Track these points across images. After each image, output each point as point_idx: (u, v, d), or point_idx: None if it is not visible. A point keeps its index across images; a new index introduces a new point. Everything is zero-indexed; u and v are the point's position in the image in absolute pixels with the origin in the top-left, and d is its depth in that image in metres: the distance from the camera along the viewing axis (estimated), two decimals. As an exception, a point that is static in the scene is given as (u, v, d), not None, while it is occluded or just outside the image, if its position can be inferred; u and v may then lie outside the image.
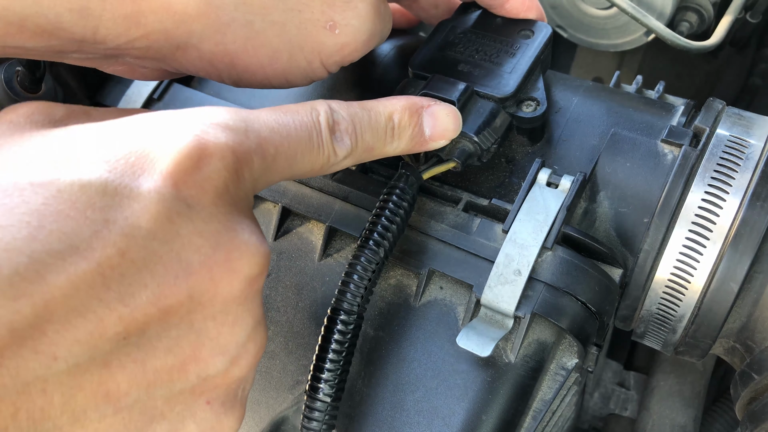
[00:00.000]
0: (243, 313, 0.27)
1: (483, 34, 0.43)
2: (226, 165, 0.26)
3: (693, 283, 0.37)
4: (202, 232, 0.25)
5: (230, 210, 0.27)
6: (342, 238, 0.42)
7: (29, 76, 0.47)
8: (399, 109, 0.35)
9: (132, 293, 0.23)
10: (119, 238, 0.23)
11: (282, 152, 0.29)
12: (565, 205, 0.37)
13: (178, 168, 0.25)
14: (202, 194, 0.25)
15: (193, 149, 0.25)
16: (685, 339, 0.39)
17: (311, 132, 0.31)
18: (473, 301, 0.37)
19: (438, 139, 0.37)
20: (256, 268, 0.27)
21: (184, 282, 0.25)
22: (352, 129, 0.33)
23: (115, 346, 0.24)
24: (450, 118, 0.37)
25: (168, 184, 0.24)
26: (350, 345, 0.35)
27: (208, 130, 0.26)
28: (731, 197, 0.37)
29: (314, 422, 0.34)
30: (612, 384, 0.59)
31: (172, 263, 0.24)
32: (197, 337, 0.26)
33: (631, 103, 0.44)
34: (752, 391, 0.38)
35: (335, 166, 0.32)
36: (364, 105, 0.34)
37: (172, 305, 0.24)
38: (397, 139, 0.35)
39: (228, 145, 0.26)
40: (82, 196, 0.23)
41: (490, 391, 0.36)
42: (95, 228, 0.23)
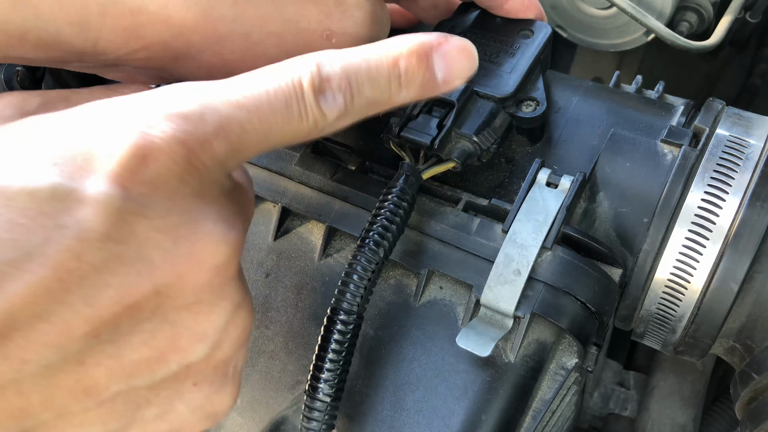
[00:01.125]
0: (217, 299, 0.27)
1: (482, 34, 0.43)
2: (175, 159, 0.25)
3: (693, 283, 0.37)
4: (159, 228, 0.25)
5: (190, 201, 0.26)
6: (342, 238, 0.42)
7: (29, 76, 0.47)
8: (405, 54, 0.30)
9: (94, 294, 0.24)
10: (73, 243, 0.23)
11: (251, 129, 0.27)
12: (565, 205, 0.37)
13: (124, 168, 0.24)
14: (153, 191, 0.25)
15: (138, 147, 0.25)
16: (685, 339, 0.39)
17: (290, 98, 0.28)
18: (473, 301, 0.37)
19: (453, 81, 0.32)
20: (223, 256, 0.27)
21: (147, 278, 0.25)
22: (347, 84, 0.29)
23: (87, 344, 0.24)
24: (464, 55, 0.32)
25: (116, 186, 0.24)
26: (350, 345, 0.35)
27: (153, 124, 0.25)
28: (731, 197, 0.37)
29: (314, 422, 0.34)
30: (612, 384, 0.59)
31: (133, 262, 0.24)
32: (172, 328, 0.26)
33: (631, 103, 0.44)
34: (752, 390, 0.38)
35: (328, 128, 0.30)
36: (362, 51, 0.30)
37: (139, 301, 0.25)
38: (406, 88, 0.31)
39: (176, 137, 0.25)
40: (32, 203, 0.23)
41: (490, 391, 0.36)
42: (47, 234, 0.23)
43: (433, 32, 0.32)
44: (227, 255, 0.27)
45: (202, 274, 0.26)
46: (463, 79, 0.33)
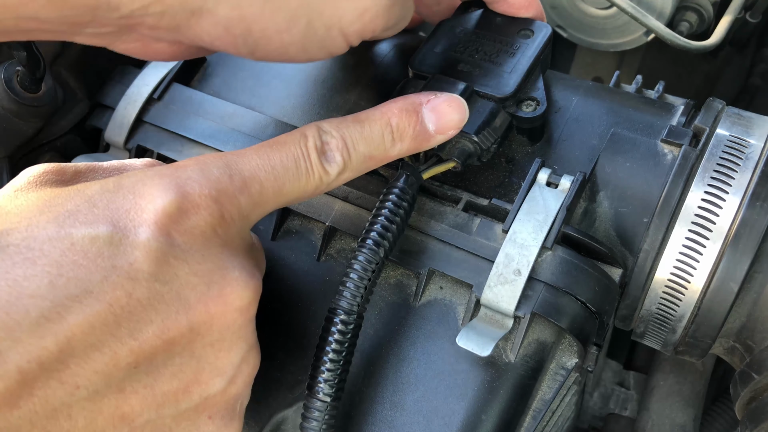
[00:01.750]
0: (237, 339, 0.31)
1: (483, 33, 0.43)
2: (210, 212, 0.30)
3: (693, 283, 0.37)
4: (196, 272, 0.29)
5: (221, 250, 0.30)
6: (342, 238, 0.42)
7: (29, 75, 0.47)
8: (396, 112, 0.35)
9: (140, 328, 0.27)
10: (126, 282, 0.27)
11: (268, 186, 0.32)
12: (565, 204, 0.37)
13: (168, 218, 0.29)
14: (192, 239, 0.29)
15: (179, 202, 0.29)
16: (685, 339, 0.39)
17: (298, 160, 0.33)
18: (473, 301, 0.37)
19: (444, 132, 0.36)
20: (246, 300, 0.30)
21: (184, 316, 0.28)
22: (343, 145, 0.34)
23: (128, 374, 0.27)
24: (453, 108, 0.36)
25: (162, 233, 0.28)
26: (350, 345, 0.35)
27: (191, 183, 0.30)
28: (731, 197, 0.37)
29: (314, 422, 0.34)
30: (612, 384, 0.59)
31: (173, 300, 0.28)
32: (198, 363, 0.30)
33: (631, 103, 0.44)
34: (752, 390, 0.38)
35: (332, 183, 0.34)
36: (358, 117, 0.35)
37: (175, 337, 0.28)
38: (399, 142, 0.35)
39: (210, 194, 0.30)
40: (92, 248, 0.27)
41: (490, 390, 0.36)
42: (105, 274, 0.27)
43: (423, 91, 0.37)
44: (250, 298, 0.31)
45: (229, 315, 0.30)
46: (455, 129, 0.37)
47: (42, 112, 0.49)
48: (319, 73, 0.50)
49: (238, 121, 0.47)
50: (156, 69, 0.51)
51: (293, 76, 0.50)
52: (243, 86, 0.51)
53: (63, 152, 0.54)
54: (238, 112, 0.48)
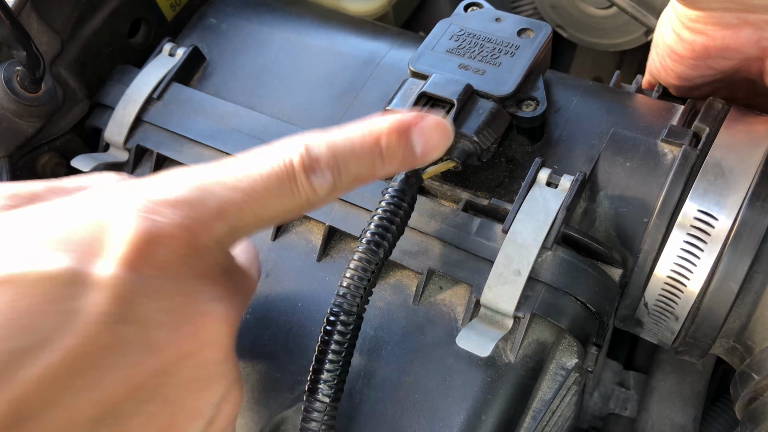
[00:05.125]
0: (214, 377, 0.28)
1: (483, 33, 0.43)
2: (181, 243, 0.26)
3: (693, 283, 0.37)
4: (164, 309, 0.26)
5: (193, 282, 0.27)
6: (342, 238, 0.42)
7: (29, 75, 0.47)
8: (386, 132, 0.32)
9: (101, 377, 0.24)
10: (84, 326, 0.24)
11: (247, 209, 0.29)
12: (565, 205, 0.37)
13: (133, 252, 0.25)
14: (159, 274, 0.26)
15: (146, 232, 0.26)
16: (685, 339, 0.39)
17: (282, 178, 0.29)
18: (473, 301, 0.37)
19: (431, 154, 0.34)
20: (223, 335, 0.28)
21: (150, 358, 0.25)
22: (334, 163, 0.31)
23: (90, 428, 0.24)
24: (440, 132, 0.34)
25: (125, 269, 0.25)
26: (350, 345, 0.35)
27: (158, 209, 0.26)
28: (731, 197, 0.37)
29: (314, 422, 0.34)
30: (612, 384, 0.59)
31: (138, 343, 0.25)
32: (171, 407, 0.27)
33: (631, 103, 0.44)
34: (752, 391, 0.38)
35: (318, 203, 0.31)
36: (346, 134, 0.32)
37: (142, 382, 0.25)
38: (388, 163, 0.33)
39: (182, 224, 0.26)
40: (45, 290, 0.24)
41: (490, 391, 0.36)
42: (61, 319, 0.24)
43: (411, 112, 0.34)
44: (224, 332, 0.28)
45: (202, 352, 0.27)
46: (440, 152, 0.34)
47: (42, 112, 0.49)
48: (319, 73, 0.50)
49: (238, 121, 0.47)
50: (156, 69, 0.51)
51: (293, 76, 0.50)
52: (243, 86, 0.51)
53: (63, 152, 0.54)
54: (238, 112, 0.48)
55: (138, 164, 0.50)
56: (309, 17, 0.55)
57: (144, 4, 0.55)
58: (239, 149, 0.46)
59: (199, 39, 0.54)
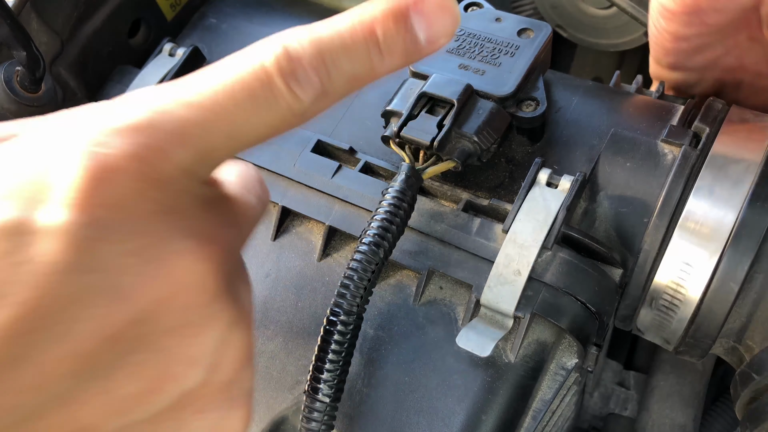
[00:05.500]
0: (205, 319, 0.25)
1: (483, 33, 0.43)
2: (134, 176, 0.23)
3: (693, 283, 0.37)
4: (127, 251, 0.23)
5: (158, 218, 0.24)
6: (342, 238, 0.42)
7: (29, 76, 0.47)
8: (380, 18, 0.27)
9: (66, 331, 0.22)
10: (35, 278, 0.21)
11: (215, 129, 0.25)
12: (565, 205, 0.37)
13: (80, 192, 0.22)
14: (114, 213, 0.23)
15: (91, 169, 0.23)
16: (685, 339, 0.39)
17: (253, 87, 0.25)
18: (473, 301, 0.37)
19: (438, 40, 0.28)
20: (199, 273, 0.25)
21: (119, 305, 0.23)
22: (320, 61, 0.26)
23: (71, 384, 0.23)
24: (444, 12, 0.28)
25: (73, 212, 0.22)
26: (350, 345, 0.35)
27: (103, 141, 0.23)
28: (732, 197, 0.37)
29: (313, 422, 0.34)
30: (612, 384, 0.59)
31: (103, 291, 0.23)
32: (160, 356, 0.25)
33: (631, 103, 0.44)
34: (752, 391, 0.38)
35: (306, 113, 0.26)
36: (332, 23, 0.27)
37: (117, 332, 0.23)
38: (388, 56, 0.27)
39: (130, 152, 0.23)
40: None
41: (490, 391, 0.36)
42: (7, 273, 0.21)
43: None
44: (204, 270, 0.25)
45: (181, 295, 0.24)
46: (447, 37, 0.29)
47: (42, 112, 0.49)
48: (319, 73, 0.50)
49: (238, 121, 0.47)
50: (155, 69, 0.51)
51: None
52: (243, 86, 0.51)
53: (63, 152, 0.53)
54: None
55: (138, 164, 0.49)
56: (309, 17, 0.54)
57: (144, 4, 0.55)
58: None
59: (199, 39, 0.54)
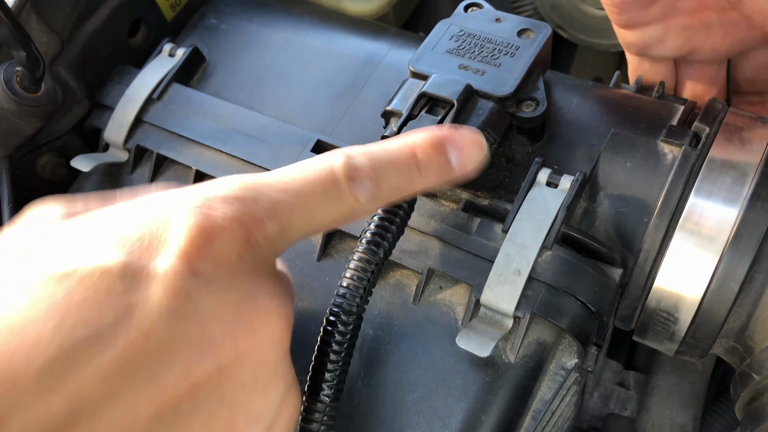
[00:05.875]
0: (273, 378, 0.28)
1: (483, 34, 0.43)
2: (236, 237, 0.26)
3: (693, 283, 0.37)
4: (222, 303, 0.26)
5: (248, 278, 0.27)
6: (342, 238, 0.42)
7: (29, 75, 0.47)
8: (421, 145, 0.33)
9: (160, 373, 0.24)
10: (142, 320, 0.24)
11: (296, 211, 0.29)
12: (565, 204, 0.37)
13: (190, 246, 0.25)
14: (216, 268, 0.26)
15: (202, 227, 0.26)
16: (686, 339, 0.39)
17: (327, 185, 0.30)
18: (473, 301, 0.37)
19: (467, 166, 0.34)
20: (279, 331, 0.28)
21: (210, 354, 0.25)
22: (373, 173, 0.31)
23: (150, 427, 0.24)
24: (474, 144, 0.35)
25: (183, 262, 0.25)
26: (349, 345, 0.34)
27: (214, 206, 0.27)
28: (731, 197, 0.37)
29: (313, 423, 0.34)
30: (612, 384, 0.59)
31: (196, 338, 0.25)
32: (230, 409, 0.26)
33: (631, 103, 0.44)
34: (752, 391, 0.38)
35: (360, 212, 0.31)
36: (384, 146, 0.33)
37: (201, 380, 0.25)
38: (425, 175, 0.33)
39: (236, 218, 0.27)
40: (103, 283, 0.24)
41: (490, 391, 0.36)
42: (118, 313, 0.23)
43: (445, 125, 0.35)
44: (282, 329, 0.28)
45: (261, 350, 0.27)
46: (476, 164, 0.35)
47: (42, 112, 0.49)
48: (319, 74, 0.50)
49: (238, 121, 0.47)
50: (155, 69, 0.51)
51: (293, 76, 0.50)
52: (243, 86, 0.51)
53: (63, 152, 0.54)
54: (238, 112, 0.48)
55: (138, 164, 0.50)
56: (309, 17, 0.55)
57: (144, 4, 0.55)
58: (239, 149, 0.46)
59: (199, 39, 0.54)
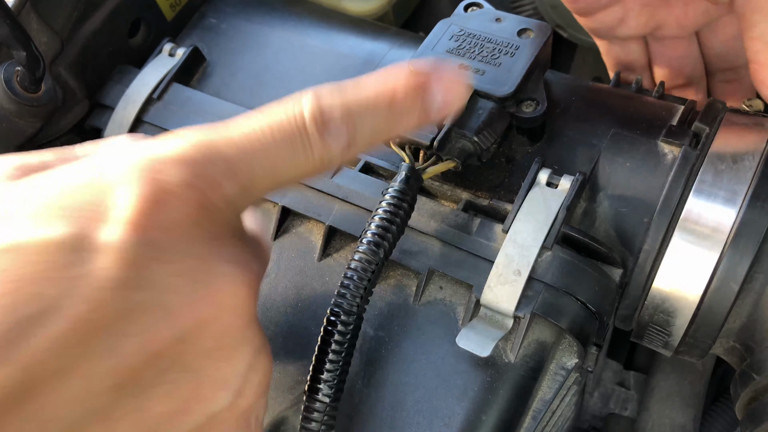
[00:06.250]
0: (238, 344, 0.27)
1: (483, 33, 0.43)
2: (188, 203, 0.25)
3: (693, 283, 0.37)
4: (177, 272, 0.25)
5: (205, 243, 0.26)
6: (342, 238, 0.42)
7: (29, 75, 0.47)
8: (402, 83, 0.30)
9: (115, 345, 0.23)
10: (91, 292, 0.23)
11: (258, 167, 0.27)
12: (565, 205, 0.37)
13: (139, 214, 0.24)
14: (168, 235, 0.25)
15: (151, 193, 0.24)
16: (686, 339, 0.39)
17: (293, 135, 0.28)
18: (473, 301, 0.37)
19: (450, 106, 0.32)
20: (241, 297, 0.27)
21: (167, 324, 0.24)
22: (348, 116, 0.29)
23: (111, 398, 0.24)
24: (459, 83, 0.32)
25: (131, 232, 0.24)
26: (350, 345, 0.35)
27: (163, 168, 0.25)
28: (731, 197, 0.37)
29: (313, 423, 0.34)
30: (612, 384, 0.59)
31: (152, 308, 0.24)
32: (194, 377, 0.26)
33: (631, 103, 0.44)
34: (752, 391, 0.38)
35: (334, 161, 0.29)
36: (360, 83, 0.30)
37: (161, 349, 0.24)
38: (406, 116, 0.31)
39: (187, 181, 0.25)
40: (46, 256, 0.23)
41: (490, 391, 0.36)
42: (67, 285, 0.23)
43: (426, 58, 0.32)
44: (244, 295, 0.27)
45: (222, 317, 0.26)
46: (459, 103, 0.33)
47: (42, 112, 0.49)
48: (319, 73, 0.50)
49: (238, 121, 0.47)
50: (155, 69, 0.51)
51: (293, 76, 0.50)
52: (243, 86, 0.51)
53: (63, 152, 0.54)
54: (238, 112, 0.48)
55: (138, 164, 0.50)
56: (309, 17, 0.55)
57: (144, 4, 0.55)
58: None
59: (199, 39, 0.54)
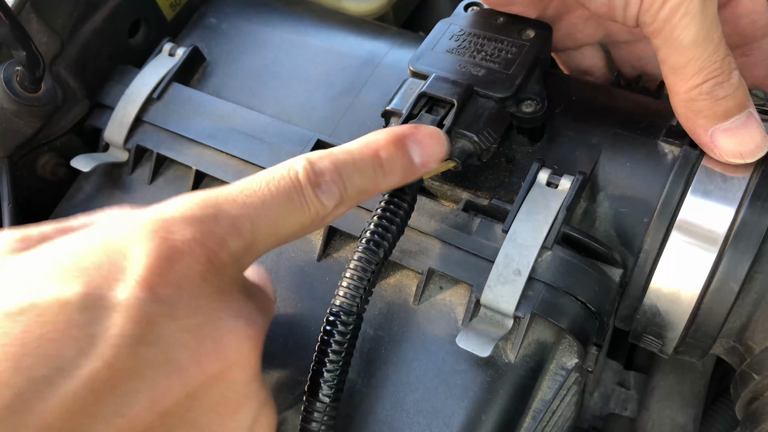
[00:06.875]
0: (243, 398, 0.28)
1: (483, 33, 0.43)
2: (197, 259, 0.26)
3: (693, 283, 0.37)
4: (185, 328, 0.25)
5: (212, 299, 0.27)
6: (342, 238, 0.42)
7: (29, 75, 0.47)
8: (383, 145, 0.33)
9: (127, 402, 0.24)
10: (104, 351, 0.23)
11: (260, 224, 0.29)
12: (565, 205, 0.37)
13: (150, 272, 0.25)
14: (179, 292, 0.25)
15: (162, 251, 0.25)
16: (686, 339, 0.39)
17: (290, 193, 0.30)
18: (473, 301, 0.37)
19: (429, 163, 0.35)
20: (246, 352, 0.27)
21: (176, 380, 0.25)
22: (338, 176, 0.31)
23: None
24: (435, 140, 0.36)
25: (143, 289, 0.25)
26: (350, 345, 0.34)
27: (172, 228, 0.26)
28: (732, 197, 0.37)
29: (313, 423, 0.34)
30: (612, 384, 0.59)
31: (161, 364, 0.24)
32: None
33: (631, 103, 0.44)
34: (752, 391, 0.38)
35: (329, 217, 0.32)
36: (346, 149, 0.33)
37: (170, 406, 0.25)
38: (390, 174, 0.34)
39: (196, 239, 0.26)
40: (62, 316, 0.23)
41: (490, 391, 0.36)
42: (79, 345, 0.23)
43: (404, 124, 0.35)
44: (249, 349, 0.27)
45: (228, 372, 0.27)
46: (437, 161, 0.36)
47: (41, 112, 0.49)
48: (319, 73, 0.50)
49: (238, 121, 0.47)
50: (155, 69, 0.51)
51: (293, 76, 0.50)
52: (243, 86, 0.51)
53: (63, 152, 0.54)
54: (238, 112, 0.48)
55: (138, 164, 0.50)
56: (309, 17, 0.55)
57: (144, 4, 0.55)
58: (239, 149, 0.46)
59: (199, 39, 0.54)
